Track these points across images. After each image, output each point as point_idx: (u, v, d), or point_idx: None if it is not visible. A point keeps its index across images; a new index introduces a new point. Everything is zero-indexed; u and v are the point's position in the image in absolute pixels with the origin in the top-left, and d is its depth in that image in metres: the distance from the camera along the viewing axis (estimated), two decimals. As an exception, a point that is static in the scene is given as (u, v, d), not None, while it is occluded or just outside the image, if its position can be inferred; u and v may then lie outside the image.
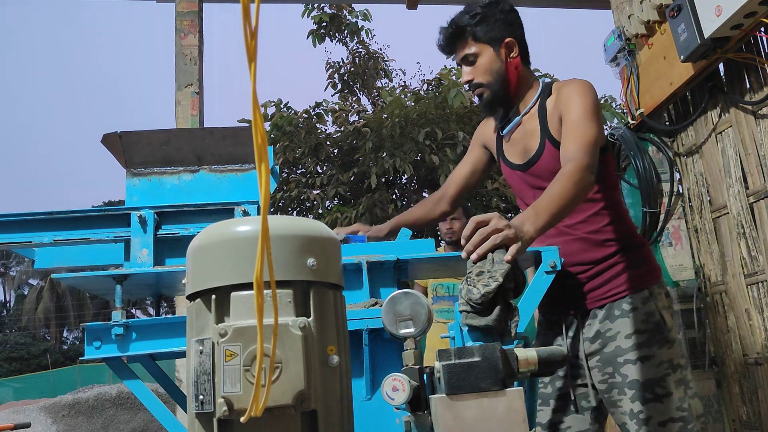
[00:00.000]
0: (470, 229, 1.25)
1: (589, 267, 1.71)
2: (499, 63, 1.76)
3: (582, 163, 1.49)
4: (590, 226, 1.72)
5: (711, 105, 2.80)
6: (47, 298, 27.60)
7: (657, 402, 1.60)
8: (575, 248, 1.72)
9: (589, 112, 1.61)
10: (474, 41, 1.75)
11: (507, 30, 1.76)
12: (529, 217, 1.33)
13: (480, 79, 1.77)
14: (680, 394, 1.61)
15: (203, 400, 0.80)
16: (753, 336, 2.60)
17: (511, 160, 1.84)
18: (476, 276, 1.17)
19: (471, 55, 1.76)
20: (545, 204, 1.39)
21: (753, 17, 2.31)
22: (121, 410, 8.13)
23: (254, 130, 0.65)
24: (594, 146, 1.56)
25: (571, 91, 1.67)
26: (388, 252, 1.64)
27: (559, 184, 1.44)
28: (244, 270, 0.83)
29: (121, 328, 1.52)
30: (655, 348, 1.63)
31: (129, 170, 1.71)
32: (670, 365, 1.62)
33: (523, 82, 1.80)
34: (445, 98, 6.69)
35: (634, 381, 1.61)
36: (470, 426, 0.97)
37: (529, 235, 1.29)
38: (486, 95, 1.78)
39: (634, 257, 1.71)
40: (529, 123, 1.78)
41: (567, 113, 1.64)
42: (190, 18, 3.75)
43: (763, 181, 2.51)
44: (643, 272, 1.70)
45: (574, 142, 1.57)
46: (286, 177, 7.09)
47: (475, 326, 1.13)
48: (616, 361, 1.64)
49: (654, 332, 1.64)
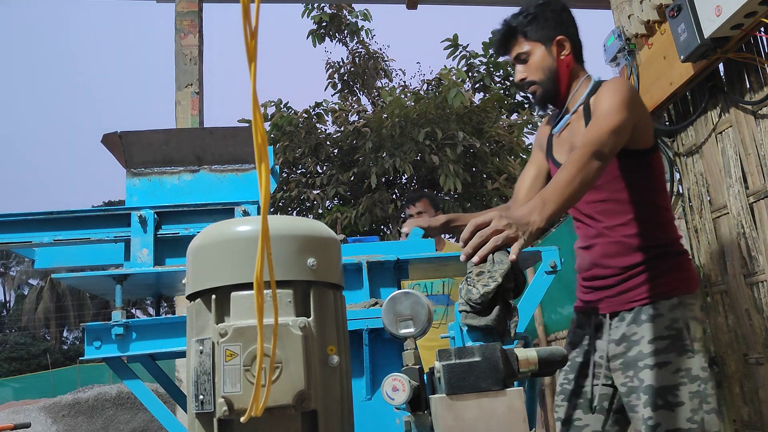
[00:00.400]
0: (469, 232, 1.23)
1: (622, 270, 1.71)
2: (551, 60, 1.79)
3: (588, 149, 1.49)
4: (630, 230, 1.71)
5: (711, 105, 2.79)
6: (47, 298, 27.60)
7: (667, 410, 1.58)
8: (612, 251, 1.73)
9: (618, 104, 1.60)
10: (525, 40, 1.79)
11: (558, 28, 1.79)
12: (536, 206, 1.33)
13: (532, 76, 1.80)
14: (693, 406, 1.57)
15: (203, 400, 0.80)
16: (753, 336, 2.60)
17: (558, 159, 1.85)
18: (476, 276, 1.16)
19: (523, 54, 1.80)
20: (551, 191, 1.39)
21: (753, 17, 2.31)
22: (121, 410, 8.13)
23: (254, 130, 0.65)
24: (611, 134, 1.54)
25: (603, 90, 1.69)
26: (388, 252, 1.64)
27: (565, 171, 1.44)
28: (244, 270, 0.83)
29: (121, 328, 1.52)
30: (673, 355, 1.60)
31: (129, 170, 1.71)
32: (687, 375, 1.59)
33: (575, 80, 1.82)
34: (445, 98, 6.69)
35: (649, 386, 1.59)
36: (470, 426, 0.97)
37: (536, 225, 1.29)
38: (538, 92, 1.82)
39: (669, 264, 1.70)
40: (576, 122, 1.80)
41: (597, 109, 1.66)
42: (190, 18, 3.75)
43: (763, 181, 2.51)
44: (675, 280, 1.69)
45: (591, 129, 1.57)
46: (286, 177, 7.08)
47: (475, 326, 1.13)
48: (637, 365, 1.63)
49: (675, 339, 1.61)
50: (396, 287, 1.63)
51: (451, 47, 7.91)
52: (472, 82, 7.98)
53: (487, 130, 6.92)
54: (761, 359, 2.57)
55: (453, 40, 7.89)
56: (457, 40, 7.91)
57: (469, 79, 7.93)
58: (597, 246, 1.76)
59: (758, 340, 2.57)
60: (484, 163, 6.74)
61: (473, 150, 6.74)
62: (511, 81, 8.08)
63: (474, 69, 8.01)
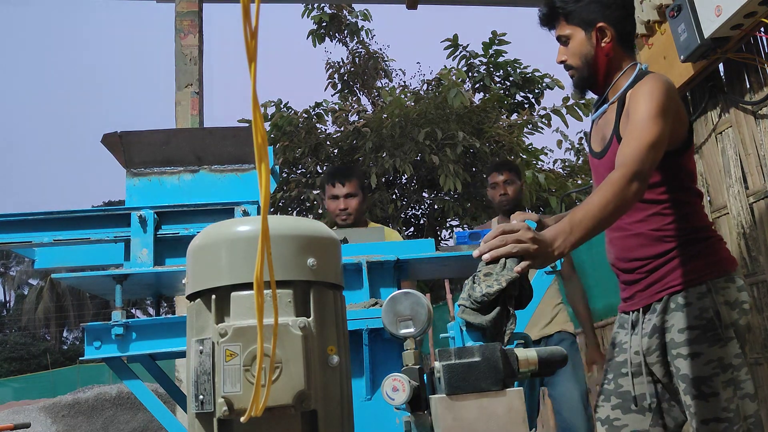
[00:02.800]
0: (494, 234, 1.23)
1: (647, 262, 1.70)
2: (589, 48, 1.74)
3: (629, 172, 1.43)
4: (649, 225, 1.70)
5: (711, 105, 2.79)
6: (47, 298, 27.60)
7: (702, 400, 1.59)
8: (632, 244, 1.72)
9: (654, 113, 1.56)
10: (567, 23, 1.75)
11: (601, 14, 1.73)
12: (563, 231, 1.30)
13: (571, 61, 1.77)
14: (728, 394, 1.58)
15: (203, 400, 0.80)
16: (753, 336, 2.60)
17: (593, 147, 1.84)
18: (483, 276, 1.17)
19: (563, 37, 1.77)
20: (581, 217, 1.34)
21: (753, 17, 2.31)
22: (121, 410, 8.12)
23: (254, 130, 0.65)
24: (650, 150, 1.50)
25: (641, 90, 1.64)
26: (388, 252, 1.64)
27: (600, 194, 1.39)
28: (244, 270, 0.84)
29: (121, 328, 1.52)
30: (705, 346, 1.60)
31: (129, 170, 1.71)
32: (720, 365, 1.59)
33: (615, 69, 1.77)
34: (445, 98, 6.69)
35: (685, 375, 1.61)
36: (470, 426, 0.97)
37: (560, 251, 1.27)
38: (575, 77, 1.80)
39: (695, 250, 1.68)
40: (610, 112, 1.77)
41: (632, 113, 1.61)
42: (190, 18, 3.75)
43: (763, 181, 2.51)
44: (702, 265, 1.66)
45: (629, 145, 1.52)
46: (286, 177, 7.09)
47: (469, 322, 1.13)
48: (671, 352, 1.64)
49: (705, 329, 1.61)
50: (396, 287, 1.63)
51: (451, 47, 7.91)
52: (472, 82, 7.99)
53: (487, 130, 6.92)
54: (760, 359, 2.57)
55: (453, 40, 7.90)
56: (457, 40, 7.91)
57: (469, 79, 7.94)
58: (617, 240, 1.76)
59: (757, 340, 2.57)
60: (484, 163, 6.74)
61: (473, 150, 6.75)
62: (511, 81, 8.09)
63: (474, 69, 8.01)
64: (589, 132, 1.91)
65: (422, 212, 7.67)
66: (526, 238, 1.21)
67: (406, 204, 7.24)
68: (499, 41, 7.83)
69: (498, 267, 1.19)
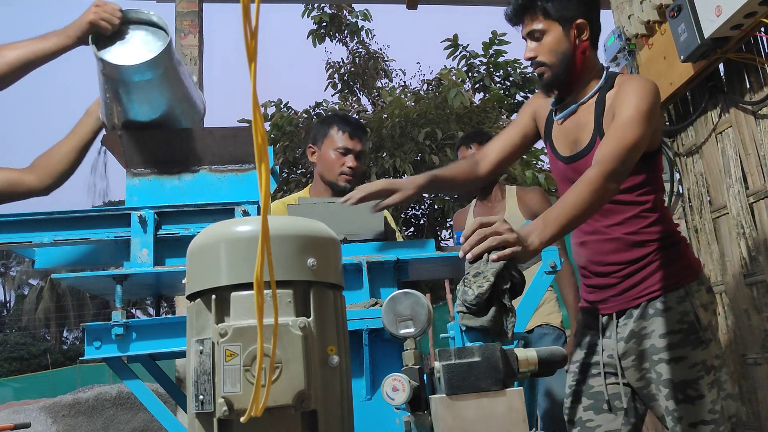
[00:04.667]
0: (471, 229, 1.23)
1: (623, 267, 1.68)
2: (567, 44, 1.66)
3: (607, 169, 1.42)
4: (628, 228, 1.68)
5: (711, 105, 2.79)
6: (47, 298, 27.59)
7: (689, 404, 1.59)
8: (608, 248, 1.69)
9: (640, 115, 1.53)
10: (543, 17, 1.66)
11: (581, 10, 1.66)
12: (537, 228, 1.30)
13: (543, 58, 1.68)
14: (713, 396, 1.59)
15: (203, 400, 0.80)
16: (752, 336, 2.60)
17: (558, 149, 1.77)
18: (473, 277, 1.17)
19: (538, 32, 1.67)
20: (556, 214, 1.34)
21: (753, 17, 2.31)
22: (121, 410, 8.13)
23: (254, 130, 0.65)
24: (629, 151, 1.49)
25: (629, 90, 1.60)
26: (388, 252, 1.64)
27: (576, 192, 1.39)
28: (244, 270, 0.84)
29: (121, 328, 1.52)
30: (688, 349, 1.60)
31: (129, 170, 1.71)
32: (704, 367, 1.60)
33: (588, 69, 1.71)
34: (445, 98, 6.70)
35: (668, 380, 1.60)
36: (470, 426, 0.97)
37: (534, 246, 1.27)
38: (547, 76, 1.69)
39: (670, 255, 1.67)
40: (584, 114, 1.70)
41: (618, 113, 1.57)
42: (190, 18, 3.75)
43: (763, 181, 2.51)
44: (679, 269, 1.66)
45: (610, 144, 1.50)
46: (286, 177, 7.09)
47: (471, 327, 1.13)
48: (651, 358, 1.63)
49: (688, 333, 1.61)
50: (396, 287, 1.63)
51: (451, 47, 7.92)
52: (472, 82, 7.99)
53: (487, 130, 6.92)
54: (759, 360, 2.57)
55: (453, 40, 7.90)
56: (457, 40, 7.92)
57: (469, 79, 7.94)
58: (591, 243, 1.74)
59: (756, 340, 2.57)
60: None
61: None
62: (511, 81, 8.09)
63: (474, 69, 8.01)
64: (547, 130, 1.83)
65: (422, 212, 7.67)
66: (503, 229, 1.22)
67: (406, 204, 7.24)
68: (499, 41, 7.84)
69: (482, 264, 1.19)
